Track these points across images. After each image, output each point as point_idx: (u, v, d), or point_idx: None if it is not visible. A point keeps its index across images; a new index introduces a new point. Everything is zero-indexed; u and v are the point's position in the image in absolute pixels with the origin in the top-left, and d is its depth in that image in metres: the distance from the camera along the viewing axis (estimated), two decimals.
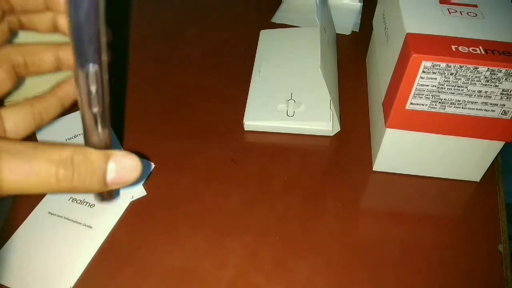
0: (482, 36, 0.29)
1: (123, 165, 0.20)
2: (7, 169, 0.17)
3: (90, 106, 0.19)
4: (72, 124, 0.40)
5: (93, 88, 0.19)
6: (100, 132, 0.20)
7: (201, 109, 0.43)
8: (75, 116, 0.41)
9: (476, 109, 0.30)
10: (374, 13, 0.43)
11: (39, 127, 0.24)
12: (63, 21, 0.25)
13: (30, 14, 0.25)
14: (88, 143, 0.20)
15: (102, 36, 0.18)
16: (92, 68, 0.18)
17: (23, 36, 0.26)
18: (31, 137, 0.37)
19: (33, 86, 0.28)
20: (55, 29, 0.25)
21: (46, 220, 0.34)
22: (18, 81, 0.24)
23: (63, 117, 0.41)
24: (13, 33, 0.25)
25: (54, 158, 0.18)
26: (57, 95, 0.25)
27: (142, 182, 0.36)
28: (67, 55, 0.25)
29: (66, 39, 0.25)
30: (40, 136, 0.39)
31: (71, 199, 0.35)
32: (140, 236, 0.33)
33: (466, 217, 0.35)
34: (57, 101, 0.25)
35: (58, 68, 0.25)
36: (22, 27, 0.25)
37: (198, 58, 0.48)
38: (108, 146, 0.21)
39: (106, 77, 0.19)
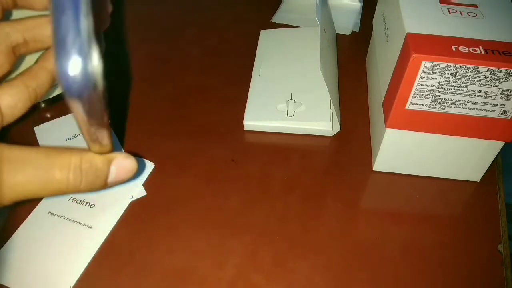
0: (482, 36, 0.29)
1: (122, 168, 0.21)
2: (25, 180, 0.19)
3: (92, 141, 0.20)
4: (72, 124, 0.40)
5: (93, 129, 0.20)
6: (102, 143, 0.21)
7: (201, 109, 0.43)
8: None
9: (476, 109, 0.30)
10: (374, 13, 0.43)
11: (34, 104, 0.24)
12: None
13: None
14: (91, 149, 0.21)
15: (106, 112, 0.18)
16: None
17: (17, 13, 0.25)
18: (31, 141, 0.37)
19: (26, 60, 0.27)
20: None
21: (46, 220, 0.34)
22: (17, 61, 0.24)
23: (63, 117, 0.41)
24: (6, 13, 0.24)
25: (65, 167, 0.19)
26: (48, 69, 0.24)
27: (142, 182, 0.36)
28: None
29: None
30: (40, 135, 0.39)
31: (71, 199, 0.35)
32: (140, 236, 0.33)
33: (466, 217, 0.35)
34: (49, 75, 0.24)
35: None
36: (16, 6, 0.23)
37: (198, 58, 0.48)
38: (110, 150, 0.21)
39: (107, 120, 0.19)
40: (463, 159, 0.35)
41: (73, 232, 0.33)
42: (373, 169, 0.37)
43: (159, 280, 0.31)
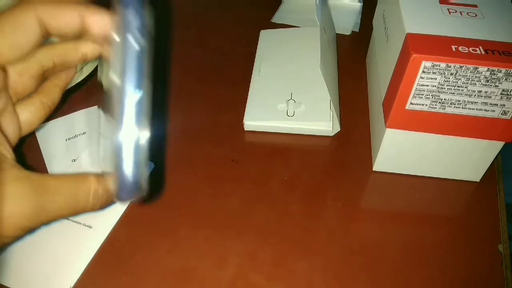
0: (482, 36, 0.29)
1: None
2: (59, 207, 0.21)
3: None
4: (72, 124, 0.41)
5: None
6: None
7: (202, 109, 0.43)
8: (75, 116, 0.41)
9: (476, 109, 0.30)
10: (374, 13, 0.43)
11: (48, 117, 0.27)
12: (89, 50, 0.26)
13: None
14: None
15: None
16: None
17: None
18: (31, 141, 0.37)
19: None
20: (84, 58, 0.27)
21: None
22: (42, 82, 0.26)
23: (63, 117, 0.41)
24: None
25: (88, 193, 0.22)
26: (60, 86, 0.27)
27: None
28: (93, 52, 0.26)
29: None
30: (40, 135, 0.39)
31: None
32: (140, 235, 0.33)
33: (466, 217, 0.35)
34: (60, 92, 0.27)
35: (84, 62, 0.27)
36: (50, 36, 0.25)
37: (198, 58, 0.48)
38: None
39: None
40: (463, 159, 0.35)
41: (73, 232, 0.33)
42: (373, 169, 0.37)
43: (159, 280, 0.31)
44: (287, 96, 0.41)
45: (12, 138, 0.24)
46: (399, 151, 0.35)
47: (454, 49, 0.28)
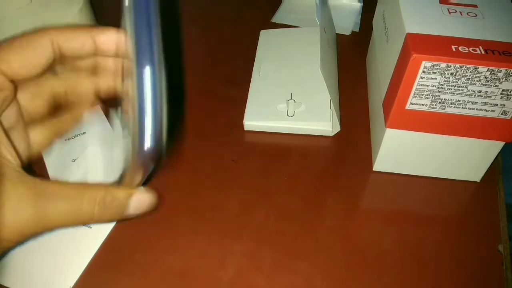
0: (482, 36, 0.29)
1: (140, 202, 0.24)
2: (58, 213, 0.21)
3: (129, 182, 0.23)
4: None
5: None
6: (135, 183, 0.23)
7: (201, 109, 0.43)
8: None
9: (476, 109, 0.30)
10: (374, 13, 0.43)
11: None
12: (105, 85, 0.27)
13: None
14: (121, 182, 0.23)
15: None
16: None
17: None
18: None
19: None
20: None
21: None
22: (54, 107, 0.27)
23: None
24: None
25: (92, 200, 0.22)
26: (77, 119, 0.27)
27: None
28: (106, 84, 0.27)
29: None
30: None
31: None
32: (140, 236, 0.33)
33: (466, 217, 0.35)
34: (75, 122, 0.27)
35: (96, 95, 0.27)
36: (63, 63, 0.25)
37: (198, 58, 0.48)
38: (137, 185, 0.23)
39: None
40: (463, 159, 0.35)
41: (73, 232, 0.33)
42: (373, 169, 0.37)
43: (159, 280, 0.31)
44: (287, 96, 0.41)
45: (22, 155, 0.24)
46: (399, 151, 0.35)
47: (454, 49, 0.28)
